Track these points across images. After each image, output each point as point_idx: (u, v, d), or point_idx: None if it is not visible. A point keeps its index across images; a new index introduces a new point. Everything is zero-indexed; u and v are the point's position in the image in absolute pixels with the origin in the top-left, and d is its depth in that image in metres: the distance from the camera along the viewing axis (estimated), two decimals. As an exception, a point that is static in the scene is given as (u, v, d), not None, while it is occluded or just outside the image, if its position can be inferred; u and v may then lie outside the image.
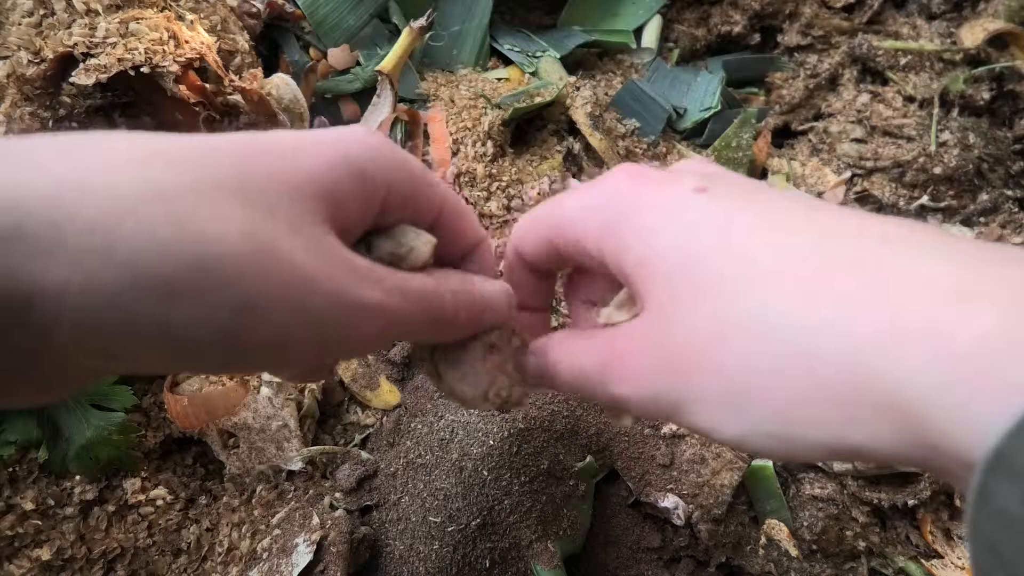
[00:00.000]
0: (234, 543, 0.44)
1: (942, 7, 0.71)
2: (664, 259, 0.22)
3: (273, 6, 0.59)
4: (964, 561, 0.49)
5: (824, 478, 0.50)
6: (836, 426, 0.19)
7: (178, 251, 0.16)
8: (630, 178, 0.24)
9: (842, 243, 0.20)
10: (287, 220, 0.19)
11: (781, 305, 0.19)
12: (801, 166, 0.67)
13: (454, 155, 0.56)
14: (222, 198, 0.18)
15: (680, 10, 0.73)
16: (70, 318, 0.16)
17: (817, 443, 0.19)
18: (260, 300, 0.18)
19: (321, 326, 0.19)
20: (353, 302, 0.20)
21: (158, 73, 0.44)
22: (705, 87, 0.68)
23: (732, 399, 0.20)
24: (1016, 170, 0.65)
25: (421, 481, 0.44)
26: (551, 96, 0.59)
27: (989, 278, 0.17)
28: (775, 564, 0.46)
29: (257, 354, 0.19)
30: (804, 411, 0.19)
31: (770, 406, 0.19)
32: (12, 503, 0.43)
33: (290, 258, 0.19)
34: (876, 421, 0.18)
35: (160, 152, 0.18)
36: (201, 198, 0.18)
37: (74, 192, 0.16)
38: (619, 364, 0.23)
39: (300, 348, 0.19)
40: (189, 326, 0.17)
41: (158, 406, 0.47)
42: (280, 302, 0.18)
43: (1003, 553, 0.15)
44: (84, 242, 0.16)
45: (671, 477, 0.47)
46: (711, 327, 0.21)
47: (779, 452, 0.20)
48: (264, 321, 0.18)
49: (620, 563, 0.48)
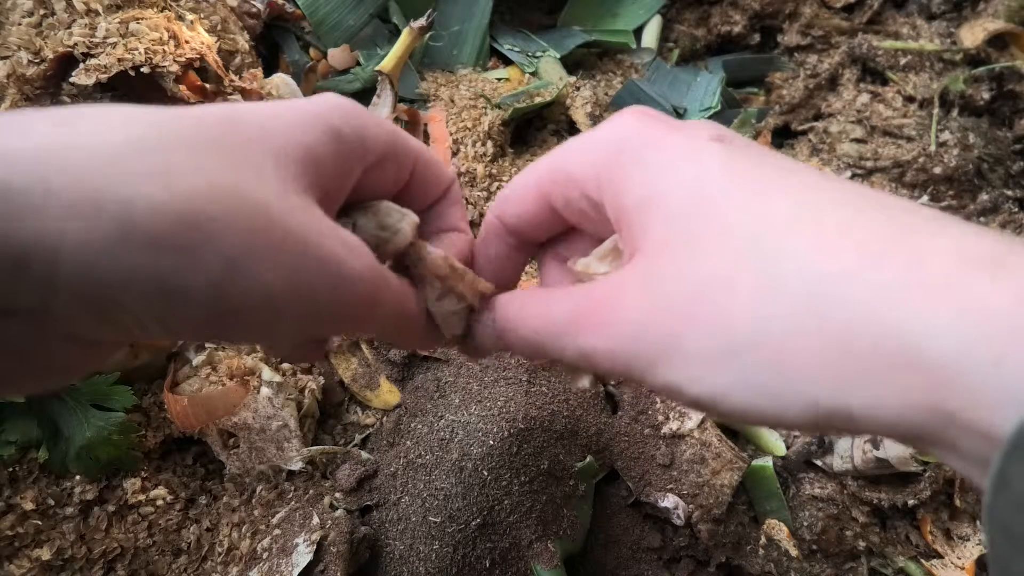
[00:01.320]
0: (234, 543, 0.44)
1: (942, 7, 0.71)
2: (670, 200, 0.21)
3: (273, 6, 0.59)
4: (964, 561, 0.49)
5: (824, 478, 0.50)
6: (838, 383, 0.17)
7: (164, 205, 0.17)
8: (640, 118, 0.23)
9: (866, 205, 0.19)
10: (274, 183, 0.19)
11: (799, 253, 0.18)
12: (801, 166, 0.67)
13: (454, 155, 0.56)
14: (209, 156, 0.18)
15: (680, 10, 0.73)
16: (66, 273, 0.16)
17: (808, 403, 0.18)
18: (251, 258, 0.18)
19: (312, 292, 0.19)
20: (346, 272, 0.20)
21: (158, 73, 0.44)
22: (705, 87, 0.68)
23: (725, 348, 0.19)
24: (1016, 170, 0.65)
25: (421, 481, 0.44)
26: (551, 96, 0.59)
27: (1022, 251, 0.16)
28: (775, 564, 0.46)
29: (247, 315, 0.19)
30: (807, 363, 0.17)
31: (769, 356, 0.18)
32: (12, 503, 0.43)
33: (282, 221, 0.19)
34: (886, 381, 0.16)
35: (147, 115, 0.18)
36: (189, 154, 0.18)
37: (62, 151, 0.16)
38: (597, 312, 0.21)
39: (290, 314, 0.19)
40: (180, 278, 0.17)
41: (158, 406, 0.47)
42: (271, 263, 0.18)
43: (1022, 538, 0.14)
44: (73, 197, 0.16)
45: (671, 477, 0.47)
46: (715, 274, 0.19)
47: (757, 409, 0.19)
48: (254, 280, 0.18)
49: (620, 563, 0.48)
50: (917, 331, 0.16)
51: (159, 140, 0.18)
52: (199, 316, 0.18)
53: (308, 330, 0.21)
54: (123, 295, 0.17)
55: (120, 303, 0.17)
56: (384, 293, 0.22)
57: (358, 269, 0.21)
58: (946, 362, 0.15)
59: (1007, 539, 0.14)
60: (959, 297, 0.16)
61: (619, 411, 0.50)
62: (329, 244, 0.20)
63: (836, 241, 0.18)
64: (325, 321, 0.21)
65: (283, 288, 0.19)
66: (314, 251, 0.19)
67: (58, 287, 0.16)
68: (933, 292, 0.16)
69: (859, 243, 0.17)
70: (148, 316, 0.18)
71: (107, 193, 0.16)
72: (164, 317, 0.18)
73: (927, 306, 0.16)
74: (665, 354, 0.20)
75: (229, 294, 0.18)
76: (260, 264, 0.18)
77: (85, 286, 0.16)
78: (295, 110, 0.22)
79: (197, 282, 0.17)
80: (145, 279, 0.17)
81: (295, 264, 0.19)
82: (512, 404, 0.46)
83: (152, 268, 0.17)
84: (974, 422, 0.15)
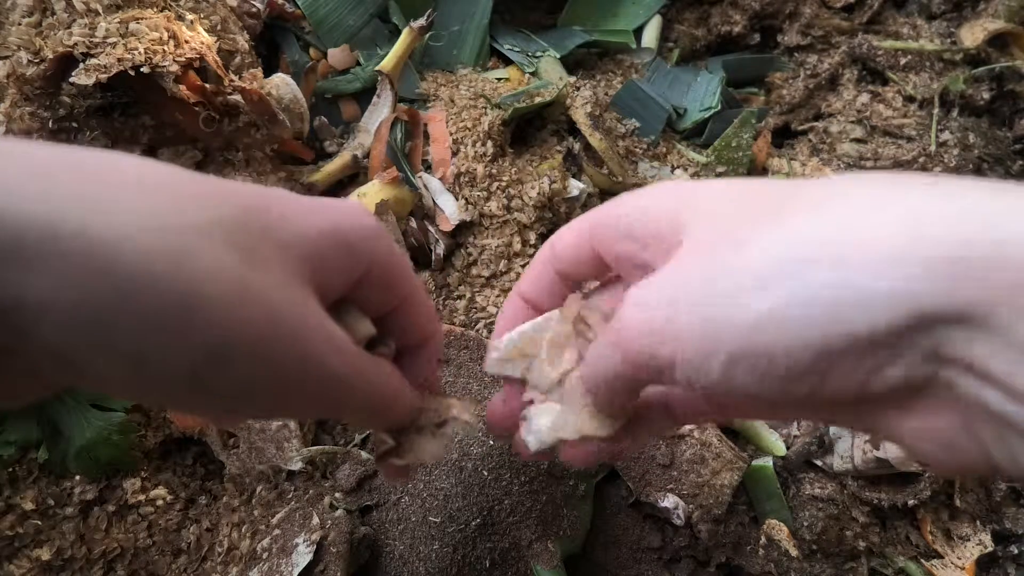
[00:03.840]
0: (234, 543, 0.44)
1: (942, 7, 0.71)
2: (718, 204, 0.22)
3: (273, 6, 0.59)
4: (964, 561, 0.49)
5: (824, 478, 0.50)
6: (907, 282, 0.17)
7: (170, 286, 0.17)
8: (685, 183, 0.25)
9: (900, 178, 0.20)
10: (277, 275, 0.20)
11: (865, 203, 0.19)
12: (801, 166, 0.67)
13: (454, 155, 0.56)
14: (220, 241, 0.18)
15: (680, 10, 0.73)
16: (50, 328, 0.16)
17: (874, 299, 0.18)
18: (238, 347, 0.18)
19: (287, 386, 0.20)
20: (325, 372, 0.21)
21: (158, 73, 0.44)
22: (705, 87, 0.68)
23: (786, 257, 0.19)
24: (1016, 170, 0.65)
25: (421, 481, 0.44)
26: (551, 96, 0.59)
27: None
28: (775, 564, 0.46)
29: (219, 397, 0.19)
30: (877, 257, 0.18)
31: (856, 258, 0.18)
32: (12, 503, 0.43)
33: (276, 313, 0.19)
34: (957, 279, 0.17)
35: (170, 184, 0.19)
36: (200, 238, 0.18)
37: (81, 212, 0.16)
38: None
39: (262, 401, 0.20)
40: (163, 359, 0.17)
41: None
42: (255, 352, 0.19)
43: None
44: (81, 261, 0.16)
45: (671, 477, 0.47)
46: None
47: (806, 320, 0.18)
48: (235, 368, 0.18)
49: (620, 563, 0.48)
50: (1003, 233, 0.17)
51: (174, 218, 0.18)
52: (170, 393, 0.19)
53: (276, 413, 0.22)
54: (101, 361, 0.17)
55: (95, 366, 0.17)
56: (356, 388, 0.23)
57: (335, 368, 0.21)
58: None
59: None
60: (988, 190, 0.17)
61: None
62: (314, 341, 0.21)
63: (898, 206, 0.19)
64: (295, 408, 0.22)
65: (260, 376, 0.19)
66: (300, 348, 0.20)
67: (37, 337, 0.16)
68: (950, 188, 0.18)
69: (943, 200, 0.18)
70: (118, 382, 0.18)
71: (117, 264, 0.16)
72: (134, 387, 0.18)
73: (1008, 208, 0.17)
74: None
75: (206, 378, 0.18)
76: (245, 351, 0.18)
77: (63, 344, 0.16)
78: (318, 212, 0.23)
79: (179, 363, 0.18)
80: (128, 352, 0.17)
81: (278, 360, 0.19)
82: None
83: (138, 343, 0.17)
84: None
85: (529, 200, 0.55)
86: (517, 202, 0.55)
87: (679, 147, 0.66)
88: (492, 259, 0.54)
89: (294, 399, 0.21)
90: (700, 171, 0.64)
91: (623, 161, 0.61)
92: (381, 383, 0.25)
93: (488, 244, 0.54)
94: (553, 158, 0.58)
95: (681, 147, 0.66)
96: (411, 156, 0.57)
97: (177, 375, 0.18)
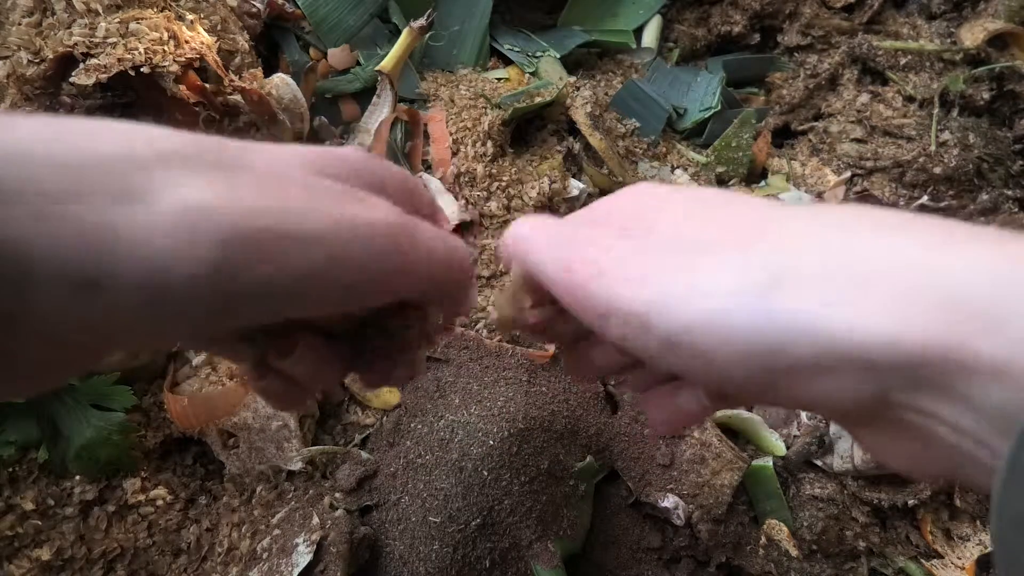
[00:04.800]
0: (234, 543, 0.44)
1: (942, 7, 0.71)
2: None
3: (273, 6, 0.59)
4: (964, 561, 0.49)
5: (824, 478, 0.50)
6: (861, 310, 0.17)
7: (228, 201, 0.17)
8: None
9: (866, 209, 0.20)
10: (298, 172, 0.21)
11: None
12: (801, 166, 0.67)
13: (454, 155, 0.56)
14: (244, 170, 0.19)
15: (680, 10, 0.73)
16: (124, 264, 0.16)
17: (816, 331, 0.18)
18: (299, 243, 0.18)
19: (345, 258, 0.19)
20: (370, 228, 0.20)
21: (158, 73, 0.44)
22: (705, 87, 0.68)
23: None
24: (1016, 170, 0.65)
25: (421, 481, 0.44)
26: (551, 96, 0.59)
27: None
28: (775, 564, 0.46)
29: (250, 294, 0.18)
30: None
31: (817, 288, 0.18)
32: (12, 503, 0.43)
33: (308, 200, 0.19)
34: (916, 310, 0.17)
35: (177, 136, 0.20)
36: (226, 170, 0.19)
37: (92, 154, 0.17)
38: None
39: (335, 281, 0.20)
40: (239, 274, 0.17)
41: (158, 406, 0.47)
42: (309, 246, 0.19)
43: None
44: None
45: (671, 477, 0.47)
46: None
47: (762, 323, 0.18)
48: (297, 260, 0.18)
49: (620, 563, 0.48)
50: (945, 272, 0.17)
51: (199, 157, 0.18)
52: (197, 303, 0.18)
53: (354, 297, 0.21)
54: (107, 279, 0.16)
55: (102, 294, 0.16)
56: (416, 236, 0.22)
57: (380, 218, 0.21)
58: (976, 297, 0.16)
59: (1017, 530, 0.14)
60: (988, 244, 0.16)
61: (619, 411, 0.50)
62: (350, 206, 0.20)
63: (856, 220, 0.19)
64: (367, 285, 0.21)
65: (322, 264, 0.19)
66: (347, 221, 0.19)
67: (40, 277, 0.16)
68: (958, 241, 0.17)
69: (900, 231, 0.18)
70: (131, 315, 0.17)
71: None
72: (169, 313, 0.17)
73: (963, 255, 0.17)
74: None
75: (271, 278, 0.18)
76: (300, 246, 0.18)
77: (142, 280, 0.16)
78: (314, 150, 0.23)
79: (266, 272, 0.17)
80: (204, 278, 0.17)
81: (329, 240, 0.19)
82: (512, 404, 0.46)
83: (215, 267, 0.17)
84: (998, 362, 0.15)
85: (529, 200, 0.55)
86: (517, 202, 0.55)
87: (679, 147, 0.66)
88: (492, 259, 0.54)
89: (356, 271, 0.20)
90: (700, 171, 0.64)
91: (623, 161, 0.61)
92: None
93: (488, 244, 0.54)
94: (553, 158, 0.58)
95: (681, 147, 0.66)
96: (411, 156, 0.57)
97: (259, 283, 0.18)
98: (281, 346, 0.23)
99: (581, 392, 0.49)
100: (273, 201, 0.18)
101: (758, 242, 0.20)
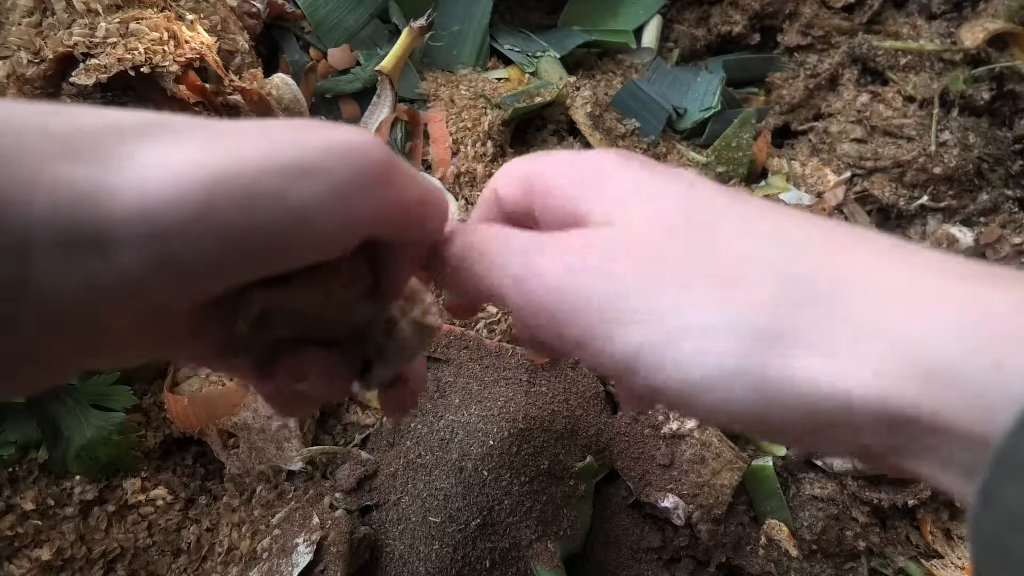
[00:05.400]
0: (234, 543, 0.44)
1: (942, 7, 0.71)
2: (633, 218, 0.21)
3: (273, 6, 0.59)
4: (964, 561, 0.49)
5: (824, 478, 0.50)
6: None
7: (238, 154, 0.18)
8: (618, 157, 0.24)
9: (850, 243, 0.19)
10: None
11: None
12: (801, 166, 0.67)
13: (454, 155, 0.56)
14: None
15: (680, 10, 0.73)
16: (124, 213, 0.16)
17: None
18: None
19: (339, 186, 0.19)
20: (358, 152, 0.20)
21: (158, 73, 0.44)
22: (705, 87, 0.68)
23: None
24: (1016, 170, 0.65)
25: (421, 481, 0.44)
26: (551, 96, 0.59)
27: (1007, 271, 0.17)
28: (775, 564, 0.46)
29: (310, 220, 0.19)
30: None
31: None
32: (12, 503, 0.43)
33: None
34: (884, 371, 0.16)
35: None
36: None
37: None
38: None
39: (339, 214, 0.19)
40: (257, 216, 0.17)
41: (158, 406, 0.47)
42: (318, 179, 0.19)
43: (1012, 556, 0.14)
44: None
45: (671, 477, 0.47)
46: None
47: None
48: (319, 184, 0.19)
49: (620, 563, 0.48)
50: (918, 337, 0.16)
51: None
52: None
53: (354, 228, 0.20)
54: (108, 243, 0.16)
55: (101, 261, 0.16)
56: (396, 159, 0.21)
57: (362, 139, 0.20)
58: (945, 365, 0.15)
59: (992, 552, 0.14)
60: (958, 304, 0.16)
61: (619, 411, 0.50)
62: (338, 132, 0.20)
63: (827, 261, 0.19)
64: (358, 210, 0.20)
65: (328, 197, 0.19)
66: (326, 139, 0.19)
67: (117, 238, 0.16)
68: (930, 300, 0.16)
69: (857, 267, 0.18)
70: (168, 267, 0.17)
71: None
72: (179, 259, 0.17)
73: (925, 313, 0.16)
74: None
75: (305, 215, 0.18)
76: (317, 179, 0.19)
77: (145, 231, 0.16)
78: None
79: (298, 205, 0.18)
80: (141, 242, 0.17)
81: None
82: (512, 404, 0.46)
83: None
84: (966, 427, 0.15)
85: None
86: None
87: (679, 147, 0.66)
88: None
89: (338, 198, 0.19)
90: (700, 171, 0.64)
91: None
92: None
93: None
94: (553, 158, 0.58)
95: (681, 147, 0.66)
96: (411, 156, 0.57)
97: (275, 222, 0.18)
98: (293, 369, 0.24)
99: (581, 392, 0.49)
100: (256, 141, 0.18)
101: (734, 291, 0.19)
